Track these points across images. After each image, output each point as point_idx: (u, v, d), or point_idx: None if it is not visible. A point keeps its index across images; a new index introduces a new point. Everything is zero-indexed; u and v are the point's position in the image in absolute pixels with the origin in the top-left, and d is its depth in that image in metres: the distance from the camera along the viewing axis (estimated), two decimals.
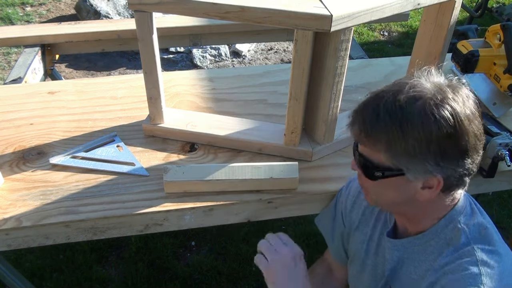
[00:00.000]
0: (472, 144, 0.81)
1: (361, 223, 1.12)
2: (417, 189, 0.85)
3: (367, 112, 0.84)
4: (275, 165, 1.25)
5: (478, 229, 0.90)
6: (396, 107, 0.80)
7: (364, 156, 0.87)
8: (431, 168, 0.81)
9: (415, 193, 0.86)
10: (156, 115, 1.41)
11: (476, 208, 0.95)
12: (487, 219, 0.94)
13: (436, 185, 0.83)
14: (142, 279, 2.08)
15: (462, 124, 0.79)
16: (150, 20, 1.20)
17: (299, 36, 1.13)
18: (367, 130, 0.83)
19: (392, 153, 0.82)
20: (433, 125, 0.78)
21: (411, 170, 0.82)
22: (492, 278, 0.83)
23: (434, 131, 0.78)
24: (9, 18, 3.97)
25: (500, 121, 1.45)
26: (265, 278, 1.00)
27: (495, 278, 0.83)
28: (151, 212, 1.19)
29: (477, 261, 0.85)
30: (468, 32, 1.62)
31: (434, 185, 0.83)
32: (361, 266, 1.11)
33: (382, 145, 0.82)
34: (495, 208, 2.56)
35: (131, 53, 3.75)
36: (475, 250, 0.87)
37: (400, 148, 0.81)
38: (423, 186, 0.84)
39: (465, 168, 0.83)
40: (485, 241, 0.89)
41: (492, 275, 0.83)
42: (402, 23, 4.36)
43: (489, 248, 0.87)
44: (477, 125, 0.82)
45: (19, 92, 1.65)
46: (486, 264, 0.85)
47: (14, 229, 1.14)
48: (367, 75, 1.79)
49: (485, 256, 0.86)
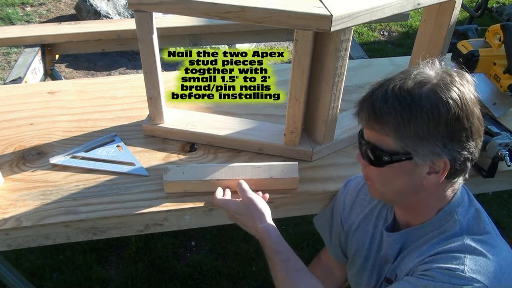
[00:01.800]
0: (476, 127, 0.84)
1: (362, 222, 1.12)
2: (423, 175, 0.86)
3: (375, 98, 0.85)
4: (275, 165, 1.25)
5: (473, 221, 0.93)
6: (404, 91, 0.82)
7: (372, 142, 0.88)
8: (439, 150, 0.83)
9: (422, 179, 0.87)
10: (156, 115, 1.41)
11: (473, 197, 0.98)
12: (482, 210, 0.96)
13: (442, 169, 0.85)
14: (142, 279, 2.08)
15: (468, 106, 0.82)
16: (150, 20, 1.20)
17: (299, 36, 1.13)
18: (376, 114, 0.85)
19: (401, 136, 0.84)
20: (442, 107, 0.80)
21: (419, 153, 0.84)
22: (476, 263, 0.85)
23: (443, 113, 0.80)
24: (9, 18, 3.97)
25: (500, 121, 1.45)
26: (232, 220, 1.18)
27: (480, 263, 0.85)
28: (151, 212, 1.19)
29: (464, 247, 0.88)
30: (468, 32, 1.62)
31: (441, 169, 0.85)
32: (363, 264, 1.11)
33: (390, 128, 0.84)
34: (494, 208, 2.56)
35: (131, 53, 3.74)
36: (465, 238, 0.89)
37: (409, 131, 0.82)
38: (429, 171, 0.86)
39: (469, 152, 0.85)
40: (477, 232, 0.91)
41: (477, 260, 0.85)
42: (402, 23, 4.36)
43: (479, 238, 0.89)
44: (479, 109, 0.86)
45: (19, 92, 1.65)
46: (473, 250, 0.87)
47: (14, 229, 1.14)
48: (367, 75, 1.79)
49: (473, 244, 0.88)
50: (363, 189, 1.15)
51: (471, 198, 0.98)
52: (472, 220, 0.93)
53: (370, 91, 0.88)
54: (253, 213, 1.10)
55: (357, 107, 0.90)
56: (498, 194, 2.62)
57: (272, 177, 1.23)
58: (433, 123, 0.81)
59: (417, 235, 0.96)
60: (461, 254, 0.86)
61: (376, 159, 0.88)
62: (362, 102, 0.89)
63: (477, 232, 0.91)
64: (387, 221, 1.06)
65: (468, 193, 0.99)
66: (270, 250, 1.03)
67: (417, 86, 0.82)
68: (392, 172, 0.88)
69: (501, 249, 0.90)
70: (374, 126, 0.87)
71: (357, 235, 1.13)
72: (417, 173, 0.87)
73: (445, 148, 0.83)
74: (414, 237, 0.97)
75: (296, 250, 1.03)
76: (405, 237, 0.99)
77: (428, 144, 0.83)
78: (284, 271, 1.00)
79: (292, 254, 1.03)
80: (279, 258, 1.01)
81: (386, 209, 1.08)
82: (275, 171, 1.24)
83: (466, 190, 0.98)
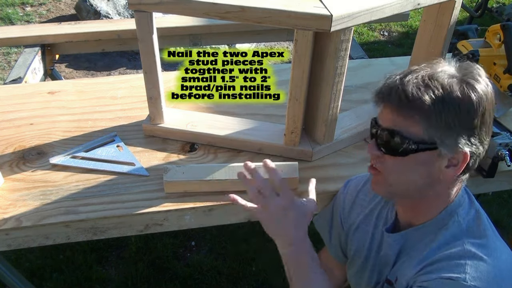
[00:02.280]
0: (491, 125, 0.88)
1: (362, 222, 1.12)
2: (441, 167, 0.87)
3: (408, 83, 0.84)
4: (275, 165, 1.25)
5: (473, 223, 0.92)
6: (437, 82, 0.83)
7: (396, 129, 0.86)
8: (463, 142, 0.84)
9: (439, 172, 0.87)
10: (156, 115, 1.41)
11: (473, 198, 0.98)
12: (482, 211, 0.96)
13: (461, 161, 0.86)
14: (142, 279, 2.08)
15: (492, 102, 0.85)
16: (150, 20, 1.20)
17: (299, 36, 1.13)
18: (409, 99, 0.83)
19: (431, 124, 0.83)
20: (474, 100, 0.82)
21: (445, 143, 0.84)
22: (477, 269, 0.84)
23: (475, 106, 0.82)
24: (9, 18, 3.97)
25: (500, 121, 1.45)
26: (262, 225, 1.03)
27: (481, 270, 0.84)
28: (151, 212, 1.19)
29: (465, 252, 0.87)
30: (468, 32, 1.62)
31: (459, 162, 0.86)
32: (363, 264, 1.11)
33: (422, 116, 0.83)
34: (494, 208, 2.56)
35: (131, 53, 3.74)
36: (465, 243, 0.88)
37: (440, 120, 0.82)
38: (448, 164, 0.87)
39: (484, 148, 0.88)
40: (477, 235, 0.90)
41: (478, 266, 0.85)
42: (402, 23, 4.36)
43: (479, 242, 0.89)
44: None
45: (19, 92, 1.65)
46: (473, 255, 0.86)
47: (14, 229, 1.14)
48: (367, 75, 1.79)
49: (473, 249, 0.87)
50: (363, 190, 1.15)
51: (471, 199, 0.97)
52: (472, 222, 0.92)
53: (398, 78, 0.86)
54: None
55: (383, 91, 0.88)
56: (498, 194, 2.62)
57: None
58: (463, 115, 0.82)
59: (417, 236, 0.96)
60: (462, 261, 0.86)
61: (399, 147, 0.86)
62: (390, 87, 0.86)
63: (477, 235, 0.90)
64: (387, 222, 1.06)
65: (469, 194, 0.98)
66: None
67: (448, 77, 0.83)
68: (412, 162, 0.87)
69: (501, 252, 0.89)
70: (404, 112, 0.85)
71: (357, 235, 1.13)
72: (437, 165, 0.86)
73: (468, 141, 0.84)
74: (414, 238, 0.96)
75: None
76: (405, 238, 0.98)
77: (455, 135, 0.83)
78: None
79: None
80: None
81: (387, 209, 1.08)
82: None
83: (467, 191, 0.98)
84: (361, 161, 1.38)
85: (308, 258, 1.00)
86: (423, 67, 0.87)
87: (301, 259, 0.99)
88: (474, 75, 0.85)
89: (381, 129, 0.89)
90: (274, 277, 2.07)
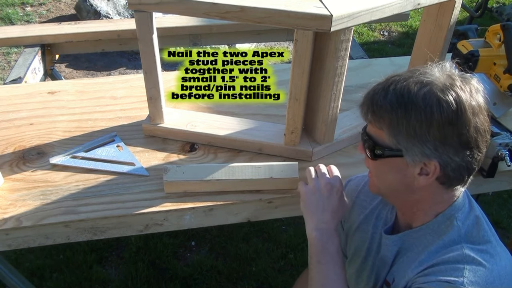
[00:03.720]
0: (472, 137, 0.82)
1: (362, 222, 1.12)
2: (414, 175, 0.87)
3: (376, 92, 0.88)
4: (275, 165, 1.25)
5: (472, 228, 0.92)
6: (404, 89, 0.84)
7: (369, 134, 0.92)
8: (429, 152, 0.83)
9: (413, 179, 0.88)
10: (156, 115, 1.41)
11: (474, 203, 0.97)
12: (483, 216, 0.96)
13: (432, 171, 0.85)
14: (142, 279, 2.08)
15: (465, 113, 0.81)
16: (150, 20, 1.20)
17: (299, 36, 1.13)
18: (373, 109, 0.88)
19: (394, 132, 0.85)
20: (436, 109, 0.80)
21: (410, 151, 0.85)
22: (475, 274, 0.84)
23: (436, 116, 0.80)
24: (9, 18, 3.97)
25: (500, 121, 1.45)
26: (300, 203, 1.08)
27: (479, 275, 0.84)
28: (151, 212, 1.19)
29: (463, 257, 0.87)
30: (468, 32, 1.62)
31: (431, 171, 0.85)
32: (362, 264, 1.11)
33: (385, 124, 0.86)
34: (494, 208, 2.56)
35: (131, 53, 3.75)
36: (464, 248, 0.88)
37: (402, 128, 0.84)
38: (420, 172, 0.87)
39: (464, 160, 0.84)
40: (476, 241, 0.90)
41: (476, 271, 0.85)
42: (402, 23, 4.36)
43: (478, 247, 0.89)
44: (481, 120, 0.83)
45: (19, 92, 1.65)
46: (472, 260, 0.86)
47: (14, 229, 1.14)
48: (367, 75, 1.79)
49: (472, 253, 0.87)
50: (363, 190, 1.15)
51: (472, 204, 0.96)
52: (471, 227, 0.92)
53: (373, 86, 0.90)
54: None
55: (361, 100, 0.93)
56: (498, 194, 2.62)
57: (272, 177, 1.23)
58: (426, 124, 0.81)
59: (414, 238, 0.96)
60: (460, 265, 0.86)
61: (370, 152, 0.92)
62: (365, 96, 0.92)
63: (476, 241, 0.90)
64: (387, 223, 1.06)
65: (469, 198, 0.98)
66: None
67: (417, 86, 0.83)
68: (385, 166, 0.91)
69: (500, 258, 0.89)
70: (371, 120, 0.90)
71: (357, 235, 1.13)
72: (409, 172, 0.88)
73: (435, 151, 0.83)
74: (412, 240, 0.96)
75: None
76: (402, 240, 0.98)
77: (419, 144, 0.83)
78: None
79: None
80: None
81: (386, 210, 1.08)
82: (275, 171, 1.24)
83: (468, 195, 0.97)
84: (361, 161, 1.36)
85: (333, 249, 1.00)
86: (405, 73, 0.88)
87: (326, 248, 1.00)
88: (447, 84, 0.82)
89: (363, 133, 0.95)
90: (274, 277, 2.08)
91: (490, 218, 0.96)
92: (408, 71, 0.89)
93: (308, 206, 1.06)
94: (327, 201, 1.04)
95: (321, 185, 1.07)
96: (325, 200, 1.05)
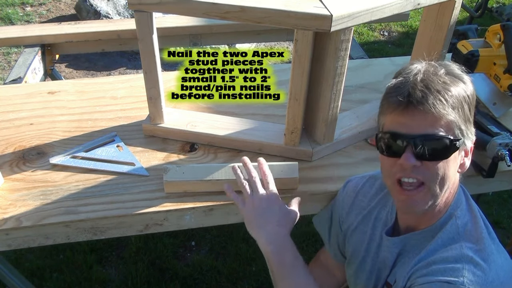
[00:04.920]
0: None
1: (360, 223, 1.12)
2: (460, 160, 0.90)
3: (431, 88, 0.82)
4: (275, 165, 1.25)
5: (470, 225, 0.92)
6: (453, 76, 0.87)
7: (430, 133, 0.83)
8: (472, 132, 0.89)
9: (462, 164, 0.91)
10: (156, 115, 1.41)
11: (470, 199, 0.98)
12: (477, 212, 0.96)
13: (470, 150, 0.90)
14: (142, 279, 2.08)
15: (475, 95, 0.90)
16: (150, 20, 1.20)
17: (299, 36, 1.13)
18: (442, 102, 0.82)
19: (460, 119, 0.86)
20: (472, 93, 0.87)
21: (468, 135, 0.88)
22: (474, 274, 0.84)
23: (473, 99, 0.88)
24: (9, 18, 3.97)
25: (500, 121, 1.45)
26: (245, 224, 1.05)
27: (478, 274, 0.84)
28: (151, 212, 1.19)
29: (462, 256, 0.87)
30: (468, 32, 1.62)
31: (469, 150, 0.90)
32: (360, 265, 1.11)
33: (454, 112, 0.84)
34: (495, 208, 2.56)
35: (131, 53, 3.74)
36: (463, 247, 0.89)
37: (463, 113, 0.86)
38: (465, 154, 0.91)
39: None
40: (474, 239, 0.90)
41: (475, 271, 0.85)
42: (402, 23, 4.36)
43: (476, 247, 0.89)
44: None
45: (19, 92, 1.65)
46: (470, 260, 0.86)
47: (14, 229, 1.14)
48: (367, 75, 1.79)
49: (471, 253, 0.87)
50: (362, 190, 1.14)
51: (468, 201, 0.97)
52: (469, 225, 0.92)
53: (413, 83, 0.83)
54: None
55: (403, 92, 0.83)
56: (498, 194, 2.62)
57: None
58: (472, 106, 0.88)
59: (417, 240, 0.96)
60: (459, 265, 0.86)
61: (442, 149, 0.84)
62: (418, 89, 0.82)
63: (474, 239, 0.90)
64: (387, 224, 1.05)
65: (466, 193, 0.98)
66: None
67: (451, 73, 0.87)
68: (451, 161, 0.86)
69: (497, 256, 0.89)
70: (440, 115, 0.82)
71: (355, 236, 1.13)
72: (459, 159, 0.89)
73: (471, 132, 0.89)
74: (414, 241, 0.96)
75: None
76: (404, 242, 0.98)
77: (470, 126, 0.88)
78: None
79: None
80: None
81: (386, 211, 1.07)
82: (275, 171, 1.23)
83: (463, 190, 0.98)
84: (361, 161, 1.38)
85: (291, 257, 0.98)
86: (427, 67, 0.88)
87: (283, 258, 0.98)
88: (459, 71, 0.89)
89: (417, 137, 0.83)
90: None
91: (490, 218, 0.97)
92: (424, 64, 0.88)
93: (252, 224, 1.03)
94: (269, 213, 1.02)
95: (257, 200, 1.03)
96: (267, 213, 1.02)
